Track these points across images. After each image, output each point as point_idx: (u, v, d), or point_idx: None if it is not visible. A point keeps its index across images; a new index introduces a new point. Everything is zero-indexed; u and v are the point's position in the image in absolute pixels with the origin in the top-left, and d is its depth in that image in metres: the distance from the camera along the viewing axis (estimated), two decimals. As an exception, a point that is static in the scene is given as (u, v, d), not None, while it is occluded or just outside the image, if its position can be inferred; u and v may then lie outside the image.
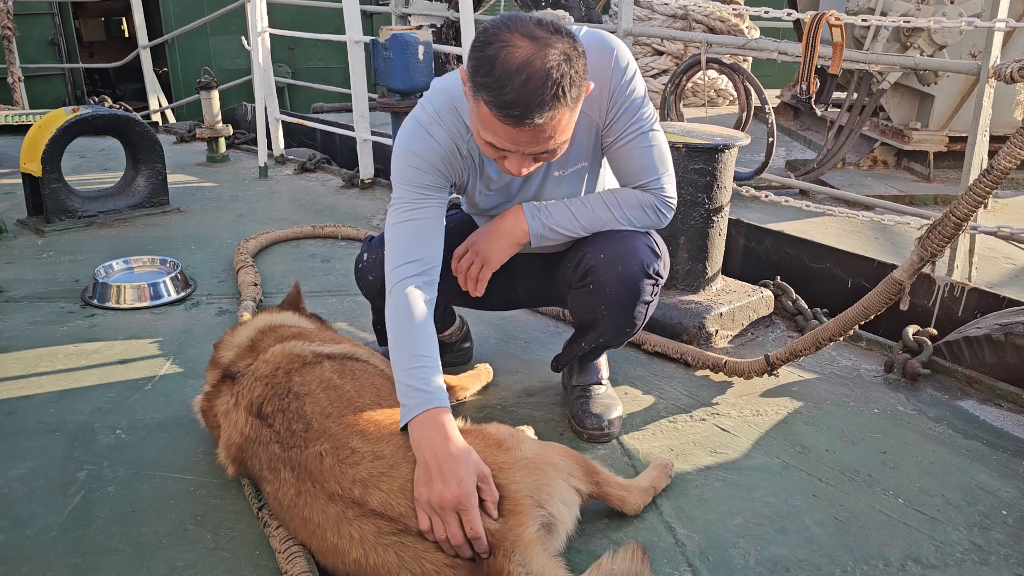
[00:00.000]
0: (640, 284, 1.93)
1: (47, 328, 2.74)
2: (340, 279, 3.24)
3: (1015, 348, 2.41)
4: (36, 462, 1.96)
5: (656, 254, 1.96)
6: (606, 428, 2.08)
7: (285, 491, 1.59)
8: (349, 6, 4.32)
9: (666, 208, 1.96)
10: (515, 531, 1.45)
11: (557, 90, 1.49)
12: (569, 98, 1.52)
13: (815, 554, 1.68)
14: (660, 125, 1.92)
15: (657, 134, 1.89)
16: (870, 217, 3.46)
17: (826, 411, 2.26)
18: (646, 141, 1.87)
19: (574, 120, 1.61)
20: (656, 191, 1.93)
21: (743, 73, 4.18)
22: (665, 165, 1.93)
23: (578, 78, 1.53)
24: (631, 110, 1.83)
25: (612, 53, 1.76)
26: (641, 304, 1.96)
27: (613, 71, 1.77)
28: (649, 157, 1.89)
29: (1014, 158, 1.85)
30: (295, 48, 9.49)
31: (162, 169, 4.10)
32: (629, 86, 1.80)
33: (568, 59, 1.51)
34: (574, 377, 2.22)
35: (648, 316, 2.02)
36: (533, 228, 1.90)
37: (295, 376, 1.73)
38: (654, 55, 7.78)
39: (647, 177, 1.92)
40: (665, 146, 1.93)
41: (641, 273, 1.91)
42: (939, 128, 5.25)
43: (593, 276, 1.93)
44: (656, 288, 1.98)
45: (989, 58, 2.93)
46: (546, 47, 1.50)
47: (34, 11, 8.95)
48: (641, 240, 1.94)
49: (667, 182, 1.95)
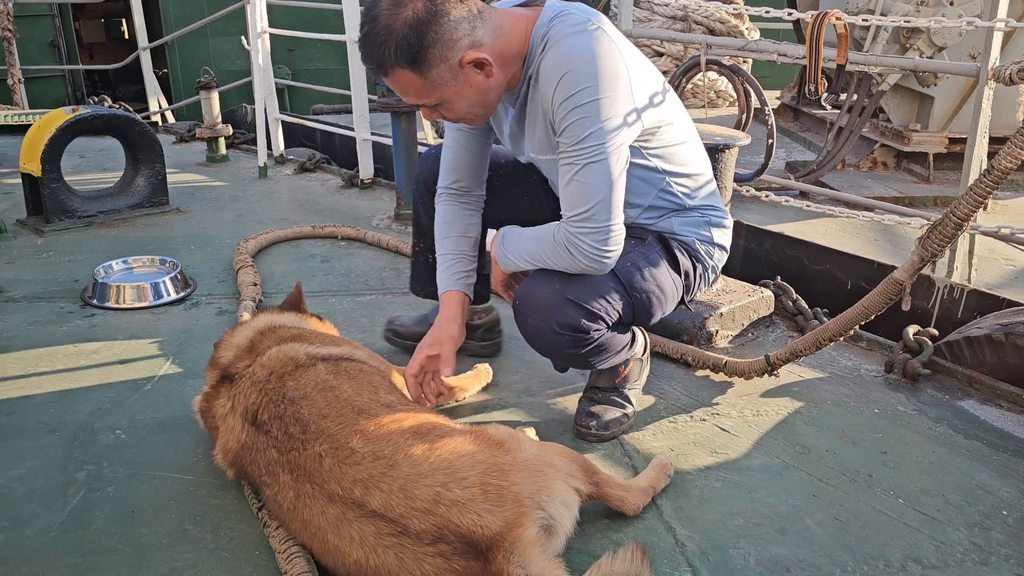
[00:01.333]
0: (551, 339, 1.84)
1: (47, 328, 2.74)
2: (340, 279, 3.24)
3: (1015, 348, 2.41)
4: (36, 462, 1.95)
5: (577, 306, 1.80)
6: (594, 428, 2.05)
7: (284, 494, 1.58)
8: (349, 6, 4.33)
9: (585, 252, 1.74)
10: (515, 533, 1.44)
11: (384, 51, 1.60)
12: (416, 65, 1.61)
13: (815, 554, 1.68)
14: (615, 158, 1.70)
15: (594, 169, 1.69)
16: (870, 218, 3.46)
17: (826, 411, 2.26)
18: (574, 171, 1.71)
19: (446, 89, 1.67)
20: (577, 229, 1.74)
21: (743, 74, 4.18)
22: (592, 201, 1.70)
23: (434, 54, 1.60)
24: (570, 133, 1.69)
25: (566, 69, 1.67)
26: (565, 354, 1.89)
27: (557, 90, 1.68)
28: (575, 188, 1.72)
29: (1014, 159, 1.85)
30: (295, 49, 9.49)
31: (162, 169, 4.09)
32: (577, 112, 1.66)
33: (418, 30, 1.58)
34: (590, 378, 2.20)
35: (593, 360, 1.93)
36: (497, 253, 1.96)
37: (289, 380, 1.73)
38: (654, 56, 7.78)
39: (570, 209, 1.74)
40: (606, 185, 1.70)
41: (548, 329, 1.82)
42: (939, 129, 5.26)
43: (516, 319, 1.91)
44: (579, 342, 1.84)
45: (988, 59, 2.93)
46: (394, 11, 1.59)
47: (34, 12, 8.95)
48: (561, 290, 1.80)
49: (594, 226, 1.72)
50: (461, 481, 1.48)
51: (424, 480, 1.49)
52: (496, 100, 1.80)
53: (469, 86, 1.70)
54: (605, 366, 2.03)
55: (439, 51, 1.61)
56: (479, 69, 1.69)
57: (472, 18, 1.65)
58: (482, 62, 1.67)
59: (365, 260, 3.47)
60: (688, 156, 1.99)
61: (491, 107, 1.80)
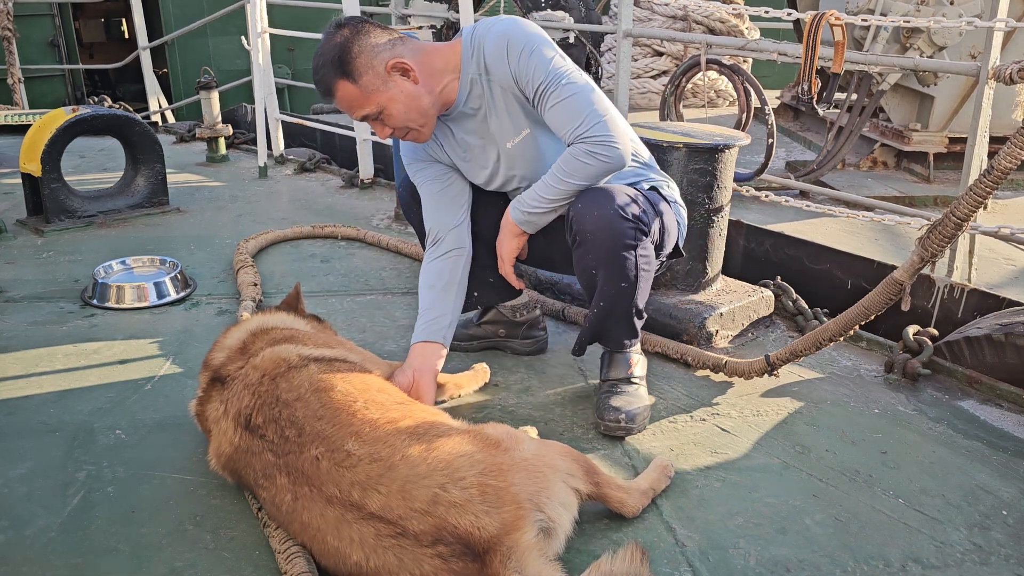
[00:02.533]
0: (617, 224, 1.97)
1: (47, 328, 2.74)
2: (340, 279, 3.24)
3: (1015, 348, 2.41)
4: (36, 462, 1.95)
5: (633, 200, 2.00)
6: (623, 422, 2.07)
7: (282, 497, 1.58)
8: (349, 7, 4.32)
9: (599, 146, 1.94)
10: (512, 536, 1.43)
11: (334, 69, 1.95)
12: (349, 75, 1.94)
13: (815, 554, 1.68)
14: (578, 76, 1.97)
15: (569, 85, 1.95)
16: (870, 218, 3.46)
17: (826, 411, 2.26)
18: (557, 97, 1.96)
19: (379, 95, 1.97)
20: (581, 138, 1.95)
21: (743, 74, 4.18)
22: (583, 111, 1.94)
23: (360, 63, 1.94)
24: (535, 76, 1.97)
25: (505, 40, 1.99)
26: (626, 249, 1.99)
27: (509, 54, 1.99)
28: (563, 112, 1.96)
29: (1014, 159, 1.84)
30: (295, 49, 9.49)
31: (162, 169, 4.09)
32: (528, 59, 1.97)
33: (344, 47, 1.94)
34: (603, 372, 2.22)
35: (640, 269, 2.03)
36: (516, 217, 2.09)
37: (281, 383, 1.71)
38: (654, 56, 7.79)
39: (569, 129, 1.96)
40: (584, 92, 1.95)
41: (615, 214, 1.96)
42: (939, 129, 5.25)
43: (575, 225, 2.03)
44: (639, 234, 2.00)
45: (989, 59, 2.92)
46: (327, 43, 1.96)
47: (34, 12, 8.95)
48: (616, 189, 2.01)
49: (591, 124, 1.94)
50: (459, 482, 1.48)
51: (422, 481, 1.48)
52: (431, 109, 2.04)
53: (400, 91, 1.98)
54: (643, 293, 2.09)
55: (365, 59, 1.95)
56: (404, 75, 1.98)
57: (393, 40, 2.00)
58: (404, 67, 1.97)
59: (365, 260, 3.47)
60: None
61: (428, 116, 2.05)
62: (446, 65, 2.05)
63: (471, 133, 2.15)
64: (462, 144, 2.19)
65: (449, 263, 2.20)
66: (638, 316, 2.14)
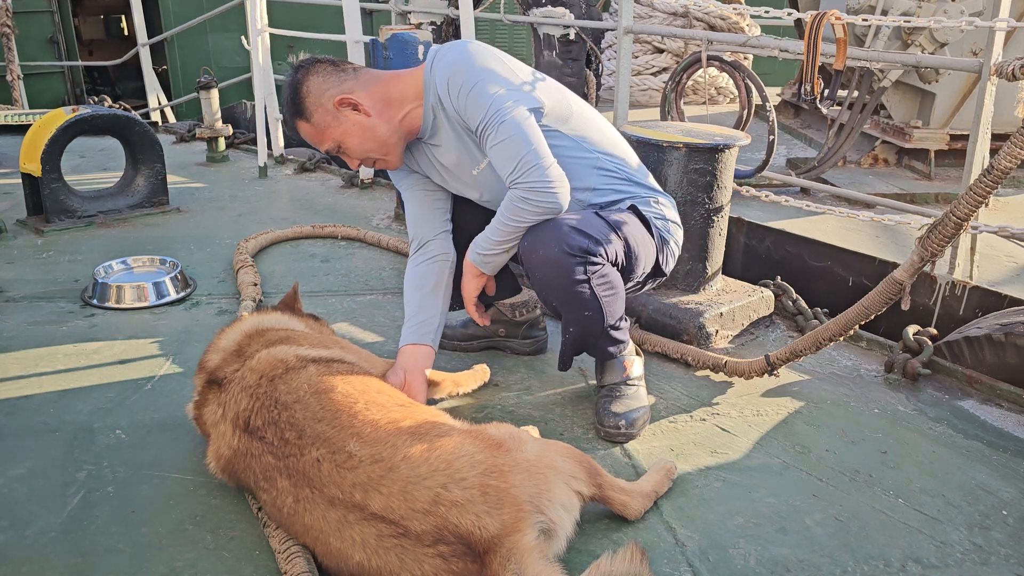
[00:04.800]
0: (563, 262, 1.92)
1: (47, 328, 2.74)
2: (340, 279, 3.24)
3: (1015, 348, 2.40)
4: (36, 462, 1.96)
5: (580, 230, 1.94)
6: (623, 428, 2.07)
7: (283, 499, 1.58)
8: (349, 5, 4.31)
9: (532, 192, 1.92)
10: (512, 538, 1.43)
11: (290, 110, 2.04)
12: (302, 115, 2.02)
13: (815, 554, 1.68)
14: (516, 114, 1.91)
15: (506, 126, 1.91)
16: (871, 216, 3.46)
17: (826, 411, 2.26)
18: (495, 139, 1.94)
19: (333, 130, 2.02)
20: (515, 183, 1.93)
21: (744, 71, 4.18)
22: (518, 154, 1.91)
23: (310, 103, 2.01)
24: (475, 115, 1.96)
25: (449, 74, 1.98)
26: (577, 285, 1.95)
27: (451, 89, 1.99)
28: (500, 154, 1.94)
29: (1014, 158, 1.84)
30: (295, 47, 9.48)
31: (162, 169, 4.09)
32: (467, 97, 1.96)
33: (295, 89, 2.02)
34: (598, 377, 2.22)
35: (601, 297, 1.98)
36: (473, 259, 2.08)
37: (280, 384, 1.70)
38: (654, 53, 7.78)
39: (506, 173, 1.95)
40: (518, 135, 1.91)
41: (560, 252, 1.92)
42: (940, 126, 5.24)
43: (524, 265, 2.02)
44: (588, 267, 1.94)
45: (990, 56, 2.91)
46: (287, 81, 2.05)
47: (33, 9, 8.94)
48: (563, 221, 1.95)
49: (524, 169, 1.91)
50: (460, 482, 1.48)
51: (424, 481, 1.48)
52: (390, 138, 2.06)
53: (352, 124, 2.02)
54: (614, 312, 2.04)
55: (314, 99, 2.01)
56: (355, 110, 2.02)
57: (341, 76, 2.04)
58: (351, 101, 2.01)
59: (365, 260, 3.47)
60: (613, 140, 2.19)
61: (389, 145, 2.07)
62: (404, 93, 2.05)
63: (445, 155, 2.16)
64: (438, 167, 2.20)
65: (436, 267, 2.21)
66: (615, 329, 2.09)
